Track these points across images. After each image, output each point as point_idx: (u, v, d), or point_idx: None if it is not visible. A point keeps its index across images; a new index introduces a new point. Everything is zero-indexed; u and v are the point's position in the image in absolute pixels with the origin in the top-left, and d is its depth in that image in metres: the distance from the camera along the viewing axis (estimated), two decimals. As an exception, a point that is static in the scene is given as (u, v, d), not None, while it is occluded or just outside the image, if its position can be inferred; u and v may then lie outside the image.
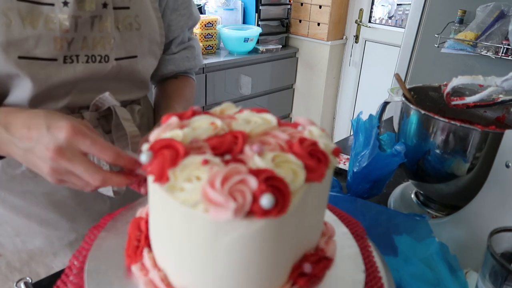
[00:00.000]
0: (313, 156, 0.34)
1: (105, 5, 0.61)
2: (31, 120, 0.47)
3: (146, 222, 0.40)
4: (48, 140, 0.45)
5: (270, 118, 0.39)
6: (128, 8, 0.65)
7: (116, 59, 0.65)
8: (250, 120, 0.39)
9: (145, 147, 0.35)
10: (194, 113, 0.39)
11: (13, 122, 0.48)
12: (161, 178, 0.32)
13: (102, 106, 0.66)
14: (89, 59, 0.62)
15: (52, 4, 0.57)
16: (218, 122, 0.36)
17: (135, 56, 0.69)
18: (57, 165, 0.45)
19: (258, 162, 0.32)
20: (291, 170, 0.32)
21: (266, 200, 0.29)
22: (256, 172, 0.30)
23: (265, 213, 0.29)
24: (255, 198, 0.29)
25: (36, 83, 0.59)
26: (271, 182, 0.30)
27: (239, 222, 0.29)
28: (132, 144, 0.67)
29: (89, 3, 0.59)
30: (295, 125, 0.40)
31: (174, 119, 0.37)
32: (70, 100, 0.64)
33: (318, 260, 0.38)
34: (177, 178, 0.31)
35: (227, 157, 0.33)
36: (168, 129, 0.35)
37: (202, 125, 0.36)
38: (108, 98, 0.64)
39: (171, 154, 0.32)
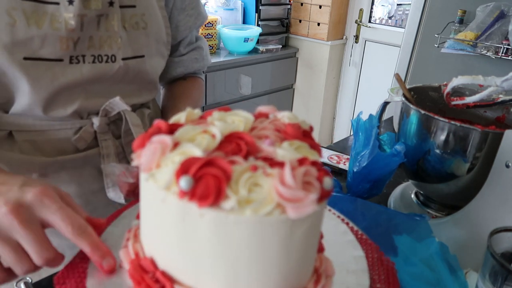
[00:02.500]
0: (306, 136, 0.37)
1: (111, 3, 0.60)
2: (9, 178, 0.42)
3: (151, 261, 0.36)
4: (13, 196, 0.39)
5: (246, 114, 0.38)
6: (134, 6, 0.64)
7: (123, 59, 0.64)
8: (226, 120, 0.37)
9: (160, 175, 0.31)
10: (171, 127, 0.35)
11: None
12: (217, 199, 0.29)
13: (112, 111, 0.65)
14: (95, 59, 0.61)
15: (57, 3, 0.56)
16: (214, 130, 0.34)
17: (142, 56, 0.67)
18: (5, 222, 0.37)
19: (285, 154, 0.33)
20: (309, 152, 0.35)
21: (327, 183, 0.31)
22: (302, 162, 0.32)
23: (328, 193, 0.32)
24: (320, 183, 0.31)
25: (42, 85, 0.58)
26: (317, 166, 0.32)
27: (310, 212, 0.31)
28: None
29: (95, 2, 0.58)
30: (266, 115, 0.41)
31: (163, 138, 0.33)
32: (79, 106, 0.63)
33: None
34: (236, 192, 0.30)
35: (252, 158, 0.33)
36: (167, 150, 0.32)
37: (198, 136, 0.34)
38: (118, 103, 0.64)
39: (220, 171, 0.30)
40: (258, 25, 2.56)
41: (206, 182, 0.29)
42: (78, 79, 0.60)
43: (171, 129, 0.35)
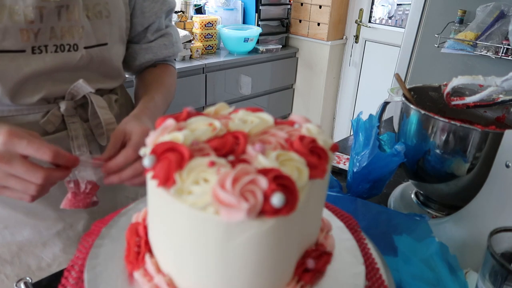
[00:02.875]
0: (314, 153, 0.35)
1: None
2: None
3: (144, 227, 0.40)
4: None
5: (267, 117, 0.39)
6: None
7: (86, 48, 0.66)
8: (246, 119, 0.39)
9: (145, 151, 0.35)
10: (189, 115, 0.38)
11: None
12: (167, 182, 0.31)
13: (78, 94, 0.67)
14: (57, 49, 0.63)
15: None
16: (217, 123, 0.36)
17: (106, 44, 0.69)
18: None
19: (263, 162, 0.32)
20: (296, 168, 0.33)
21: (277, 199, 0.29)
22: (264, 172, 0.30)
23: (276, 211, 0.29)
24: (266, 198, 0.29)
25: (7, 76, 0.59)
26: (280, 181, 0.30)
27: (250, 222, 0.29)
28: (107, 131, 0.69)
29: None
30: (291, 123, 0.40)
31: (170, 121, 0.36)
32: (46, 92, 0.64)
33: (320, 255, 0.39)
34: (184, 181, 0.31)
35: (231, 158, 0.33)
36: (166, 132, 0.35)
37: (200, 127, 0.36)
38: (82, 86, 0.65)
39: (177, 157, 0.32)
40: (258, 25, 2.56)
41: (162, 164, 0.32)
42: (42, 68, 0.62)
43: (190, 117, 0.38)
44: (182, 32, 2.15)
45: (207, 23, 2.33)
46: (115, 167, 0.55)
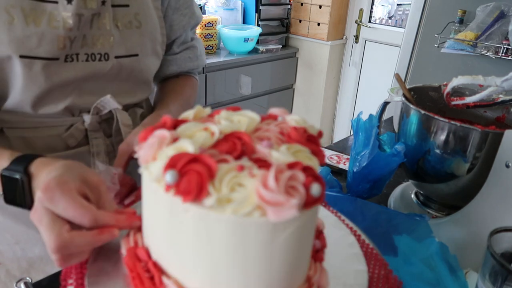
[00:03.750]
0: (311, 141, 0.36)
1: (103, 2, 0.61)
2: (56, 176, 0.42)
3: (146, 251, 0.37)
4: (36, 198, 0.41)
5: (252, 115, 0.39)
6: (127, 6, 0.65)
7: (116, 57, 0.64)
8: (232, 119, 0.38)
9: (153, 167, 0.32)
10: (176, 123, 0.36)
11: (39, 178, 0.45)
12: (200, 195, 0.30)
13: (103, 109, 0.65)
14: (88, 58, 0.62)
15: (56, 2, 0.56)
16: (213, 128, 0.35)
17: (136, 55, 0.68)
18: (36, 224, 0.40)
19: (279, 157, 0.32)
20: (307, 157, 0.34)
21: (315, 189, 0.30)
22: (292, 166, 0.31)
23: (316, 201, 0.31)
24: (307, 190, 0.30)
25: (35, 82, 0.58)
26: (308, 172, 0.31)
27: (294, 217, 0.30)
28: None
29: (91, 1, 0.59)
30: (274, 117, 0.40)
31: (163, 132, 0.34)
32: (71, 102, 0.63)
33: (318, 235, 0.42)
34: (219, 190, 0.30)
35: (245, 159, 0.33)
36: (164, 144, 0.33)
37: (197, 133, 0.35)
38: (109, 101, 0.64)
39: (205, 168, 0.30)
40: (258, 25, 2.56)
41: (190, 177, 0.30)
42: (72, 77, 0.61)
43: (176, 125, 0.36)
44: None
45: (207, 23, 2.33)
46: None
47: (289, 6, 2.69)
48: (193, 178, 0.30)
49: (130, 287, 0.37)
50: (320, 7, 2.54)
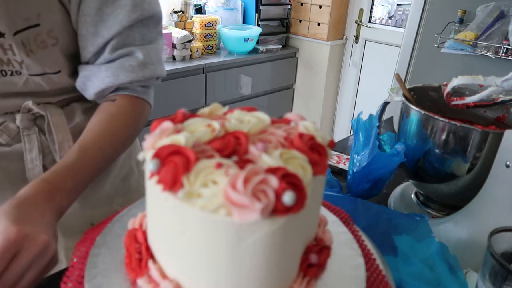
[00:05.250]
0: (314, 150, 0.35)
1: (2, 35, 0.55)
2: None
3: (143, 233, 0.39)
4: None
5: (263, 116, 0.39)
6: (38, 25, 0.57)
7: (30, 75, 0.61)
8: (243, 119, 0.38)
9: (144, 155, 0.34)
10: (185, 116, 0.38)
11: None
12: (174, 186, 0.31)
13: (33, 109, 0.64)
14: (1, 73, 0.59)
15: None
16: (215, 124, 0.36)
17: (58, 72, 0.62)
18: None
19: (268, 161, 0.32)
20: (300, 165, 0.33)
21: (288, 197, 0.29)
22: (272, 171, 0.30)
23: (288, 210, 0.30)
24: (278, 197, 0.29)
25: None
26: (288, 179, 0.30)
27: (262, 222, 0.30)
28: (60, 150, 0.66)
29: None
30: (287, 121, 0.40)
31: (167, 124, 0.36)
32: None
33: (320, 250, 0.40)
34: (192, 184, 0.31)
35: (234, 158, 0.33)
36: (165, 135, 0.35)
37: (199, 128, 0.36)
38: (33, 106, 0.63)
39: (183, 160, 0.31)
40: (258, 25, 2.56)
41: (168, 168, 0.31)
42: None
43: (186, 118, 0.37)
44: (182, 32, 2.15)
45: (207, 23, 2.33)
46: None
47: (289, 6, 2.69)
48: (170, 168, 0.31)
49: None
50: (320, 7, 2.54)
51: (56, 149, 0.66)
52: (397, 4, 2.78)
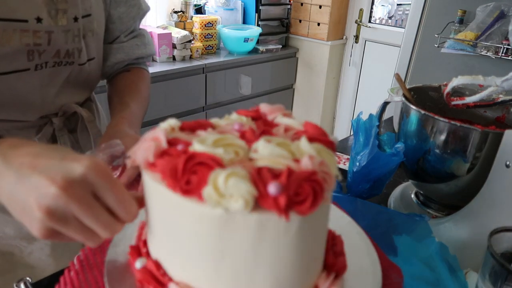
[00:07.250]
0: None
1: (76, 19, 0.64)
2: (42, 149, 0.36)
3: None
4: (57, 171, 0.33)
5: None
6: (90, 15, 0.68)
7: (80, 65, 0.69)
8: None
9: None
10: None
11: (16, 152, 0.37)
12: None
13: (69, 110, 0.71)
14: (55, 64, 0.65)
15: (26, 21, 0.58)
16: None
17: (93, 58, 0.73)
18: (60, 204, 0.33)
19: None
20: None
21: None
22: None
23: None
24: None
25: (11, 93, 0.61)
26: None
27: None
28: (95, 142, 0.73)
29: (61, 19, 0.62)
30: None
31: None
32: (40, 110, 0.67)
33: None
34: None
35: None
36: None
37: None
38: (72, 106, 0.70)
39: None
40: (258, 25, 2.56)
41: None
42: (38, 84, 0.64)
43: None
44: (182, 32, 2.15)
45: (207, 23, 2.33)
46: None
47: (289, 6, 2.68)
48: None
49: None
50: (320, 7, 2.54)
51: (92, 145, 0.74)
52: (397, 4, 2.78)
